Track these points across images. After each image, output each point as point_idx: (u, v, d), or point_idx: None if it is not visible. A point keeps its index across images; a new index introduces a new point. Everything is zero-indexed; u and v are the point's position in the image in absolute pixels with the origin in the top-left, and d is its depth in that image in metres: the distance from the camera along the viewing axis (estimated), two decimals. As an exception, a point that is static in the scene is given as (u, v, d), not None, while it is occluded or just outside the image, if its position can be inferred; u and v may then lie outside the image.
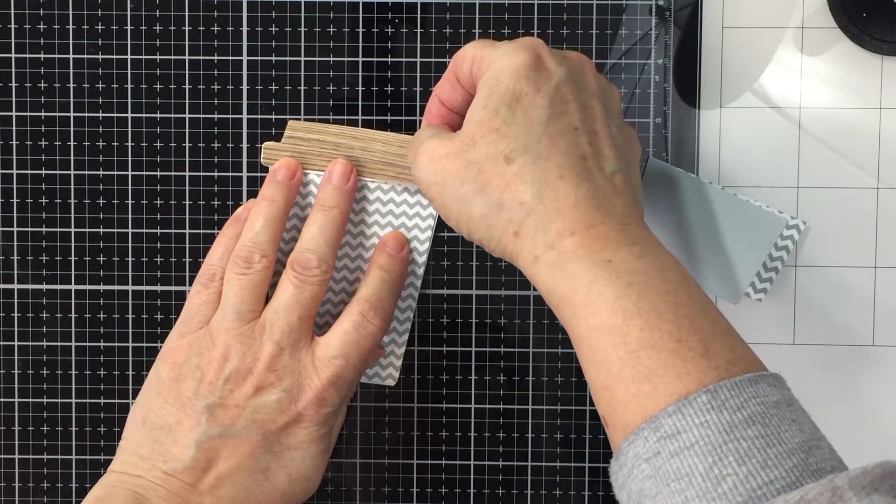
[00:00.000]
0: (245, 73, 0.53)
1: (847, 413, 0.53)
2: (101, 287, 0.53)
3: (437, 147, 0.42)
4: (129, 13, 0.53)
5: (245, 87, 0.53)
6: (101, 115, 0.53)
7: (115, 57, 0.53)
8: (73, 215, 0.53)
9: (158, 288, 0.53)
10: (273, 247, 0.47)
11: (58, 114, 0.53)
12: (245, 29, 0.52)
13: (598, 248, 0.39)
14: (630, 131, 0.45)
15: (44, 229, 0.53)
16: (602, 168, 0.41)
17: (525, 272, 0.41)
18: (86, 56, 0.53)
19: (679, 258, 0.49)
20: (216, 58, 0.53)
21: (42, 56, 0.53)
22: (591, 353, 0.38)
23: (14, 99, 0.53)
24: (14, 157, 0.53)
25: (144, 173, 0.53)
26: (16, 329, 0.53)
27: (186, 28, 0.52)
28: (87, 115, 0.53)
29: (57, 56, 0.53)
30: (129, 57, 0.53)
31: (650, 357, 0.36)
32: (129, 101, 0.53)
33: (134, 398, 0.48)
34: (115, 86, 0.53)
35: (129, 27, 0.53)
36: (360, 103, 0.53)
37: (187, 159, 0.53)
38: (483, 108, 0.42)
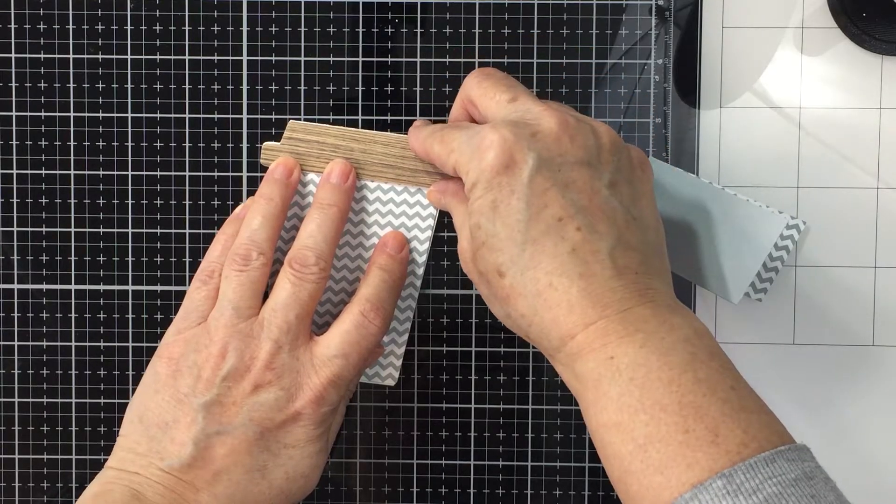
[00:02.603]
0: (245, 73, 0.53)
1: (847, 413, 0.53)
2: (101, 287, 0.53)
3: (463, 252, 0.44)
4: (129, 13, 0.53)
5: (245, 87, 0.53)
6: (101, 115, 0.53)
7: (115, 57, 0.53)
8: (73, 215, 0.53)
9: (158, 288, 0.53)
10: (271, 245, 0.47)
11: (58, 114, 0.53)
12: (245, 29, 0.52)
13: (599, 346, 0.39)
14: (636, 157, 0.44)
15: (44, 229, 0.53)
16: (597, 251, 0.40)
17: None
18: (86, 56, 0.53)
19: (679, 258, 0.49)
20: (216, 58, 0.53)
21: (42, 56, 0.53)
22: (603, 448, 0.39)
23: (14, 99, 0.53)
24: (14, 157, 0.53)
25: (144, 173, 0.53)
26: (16, 329, 0.54)
27: (186, 28, 0.52)
28: (87, 115, 0.53)
29: (57, 56, 0.53)
30: (129, 57, 0.53)
31: (658, 450, 0.37)
32: (129, 101, 0.53)
33: (134, 398, 0.48)
34: (115, 86, 0.53)
35: (129, 27, 0.53)
36: (360, 103, 0.53)
37: (187, 159, 0.53)
38: (469, 219, 0.42)
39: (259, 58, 0.52)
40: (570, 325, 0.40)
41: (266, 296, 0.47)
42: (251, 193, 0.53)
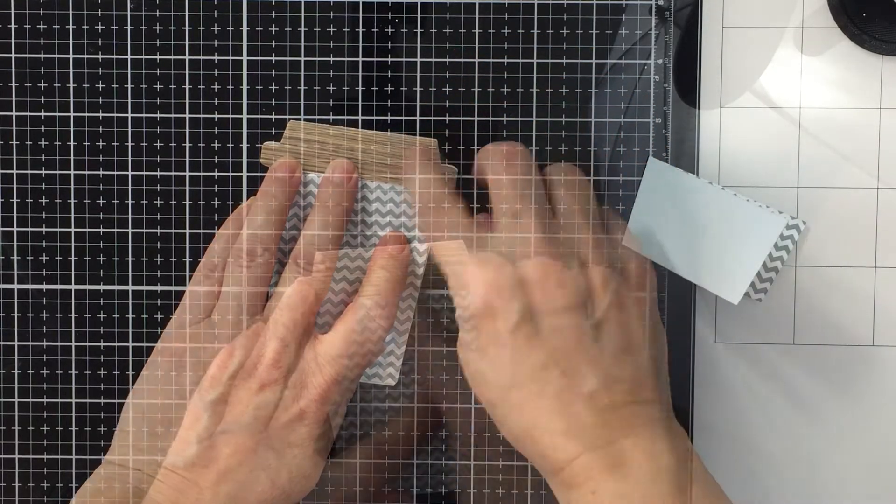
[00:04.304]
0: (245, 73, 0.53)
1: (847, 413, 0.53)
2: (101, 287, 0.53)
3: (460, 344, 0.46)
4: (129, 13, 0.53)
5: (245, 87, 0.53)
6: (101, 115, 0.53)
7: (115, 57, 0.53)
8: (73, 215, 0.53)
9: (158, 288, 0.53)
10: (274, 242, 0.47)
11: (58, 114, 0.53)
12: (245, 29, 0.52)
13: (583, 480, 0.41)
14: (634, 270, 0.45)
15: (44, 229, 0.53)
16: (580, 394, 0.42)
17: None
18: (86, 56, 0.53)
19: (679, 258, 0.49)
20: (216, 58, 0.53)
21: (42, 56, 0.53)
22: None
23: (14, 99, 0.53)
24: (14, 157, 0.53)
25: (144, 173, 0.53)
26: (16, 329, 0.53)
27: (186, 28, 0.52)
28: (87, 115, 0.53)
29: (57, 56, 0.53)
30: (129, 57, 0.53)
31: None
32: (129, 101, 0.53)
33: (134, 398, 0.48)
34: (115, 86, 0.53)
35: (129, 27, 0.53)
36: (360, 103, 0.53)
37: (187, 159, 0.53)
38: (458, 347, 0.45)
39: (259, 58, 0.52)
40: (554, 462, 0.42)
41: (269, 294, 0.47)
42: (251, 193, 0.53)
